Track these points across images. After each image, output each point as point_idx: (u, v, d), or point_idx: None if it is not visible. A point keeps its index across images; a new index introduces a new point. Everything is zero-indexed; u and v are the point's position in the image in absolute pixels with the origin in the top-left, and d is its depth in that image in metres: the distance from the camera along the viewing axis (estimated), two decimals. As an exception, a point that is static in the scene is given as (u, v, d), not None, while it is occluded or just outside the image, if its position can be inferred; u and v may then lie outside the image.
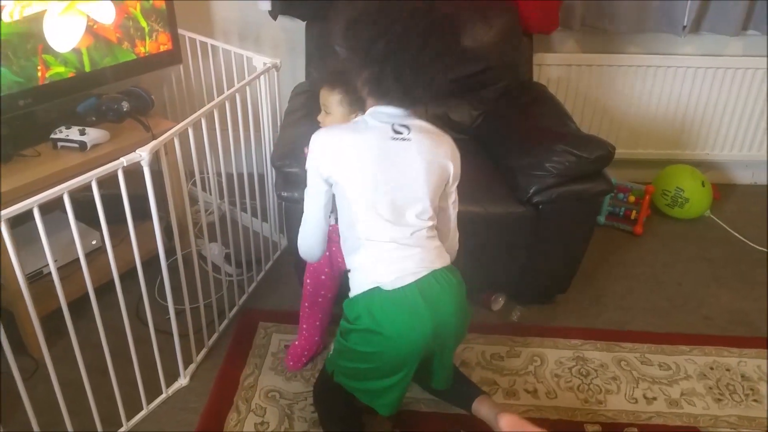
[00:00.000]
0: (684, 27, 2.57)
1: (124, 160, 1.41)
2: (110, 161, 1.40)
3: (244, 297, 2.14)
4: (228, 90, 1.80)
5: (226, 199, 2.16)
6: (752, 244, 2.56)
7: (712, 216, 2.72)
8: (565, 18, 2.53)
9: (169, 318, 1.68)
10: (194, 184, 1.83)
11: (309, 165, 1.43)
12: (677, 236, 2.62)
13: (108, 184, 1.44)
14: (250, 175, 2.20)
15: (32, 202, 1.25)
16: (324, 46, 2.33)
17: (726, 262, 2.46)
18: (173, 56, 2.22)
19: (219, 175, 1.86)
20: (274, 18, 2.41)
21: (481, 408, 1.59)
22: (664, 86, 2.75)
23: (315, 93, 1.75)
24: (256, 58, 2.07)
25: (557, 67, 2.68)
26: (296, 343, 1.87)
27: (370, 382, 1.50)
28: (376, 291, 1.38)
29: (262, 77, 2.02)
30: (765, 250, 2.52)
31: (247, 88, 1.93)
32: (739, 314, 2.18)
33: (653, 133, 2.85)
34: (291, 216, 1.86)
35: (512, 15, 2.31)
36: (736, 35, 2.60)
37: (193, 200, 2.21)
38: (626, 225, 2.63)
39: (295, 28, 2.53)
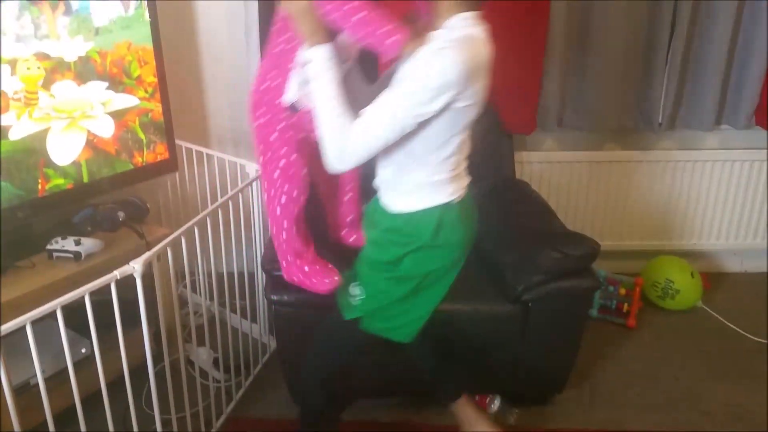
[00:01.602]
0: (660, 124, 2.69)
1: (117, 273, 1.44)
2: (104, 270, 1.43)
3: (232, 404, 2.09)
4: (221, 197, 1.86)
5: (216, 299, 2.18)
6: (747, 335, 2.54)
7: (704, 306, 2.72)
8: (543, 119, 2.65)
9: (156, 429, 1.65)
10: (185, 286, 1.86)
11: (437, 83, 1.21)
12: (671, 328, 2.61)
13: (100, 290, 1.46)
14: (240, 275, 2.22)
15: (25, 319, 1.26)
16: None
17: (722, 354, 2.44)
18: (170, 165, 2.31)
19: (209, 275, 1.89)
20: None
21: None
22: (643, 180, 2.84)
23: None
24: (249, 165, 2.15)
25: (538, 165, 2.78)
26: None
27: (405, 314, 1.49)
28: (445, 206, 1.39)
29: (254, 183, 2.10)
30: (761, 340, 2.51)
31: (240, 195, 2.00)
32: (738, 409, 2.14)
33: (638, 225, 2.91)
34: (281, 318, 1.87)
35: (492, 116, 2.43)
36: (710, 130, 2.72)
37: (183, 302, 2.22)
38: (619, 318, 2.63)
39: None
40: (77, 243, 1.89)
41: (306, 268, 1.54)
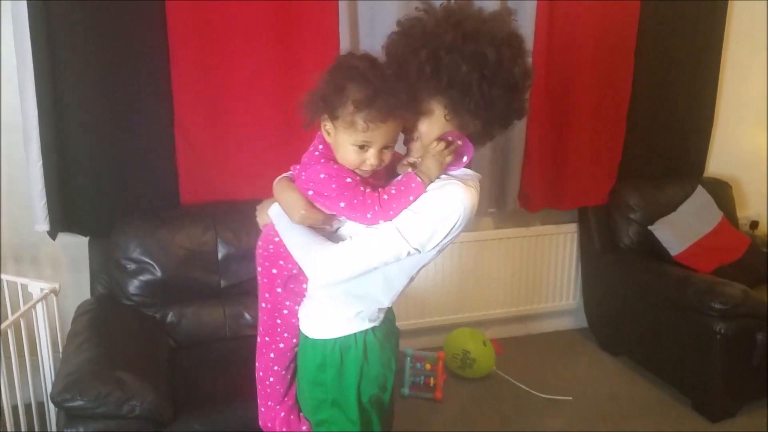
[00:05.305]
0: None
1: None
2: None
3: None
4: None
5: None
6: (536, 393, 2.85)
7: (498, 371, 3.01)
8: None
9: None
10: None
11: (445, 228, 1.28)
12: (472, 396, 2.84)
13: None
14: (28, 407, 1.98)
15: None
16: (110, 261, 2.31)
17: (516, 414, 2.71)
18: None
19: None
20: (53, 238, 2.34)
21: None
22: (436, 261, 3.10)
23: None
24: (32, 284, 1.98)
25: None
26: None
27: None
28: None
29: (39, 305, 1.93)
30: (547, 396, 2.83)
31: (22, 320, 1.82)
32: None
33: (437, 301, 3.16)
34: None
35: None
36: (483, 214, 3.11)
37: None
38: (427, 392, 2.80)
39: (77, 244, 2.47)
40: None
41: (282, 414, 1.54)
